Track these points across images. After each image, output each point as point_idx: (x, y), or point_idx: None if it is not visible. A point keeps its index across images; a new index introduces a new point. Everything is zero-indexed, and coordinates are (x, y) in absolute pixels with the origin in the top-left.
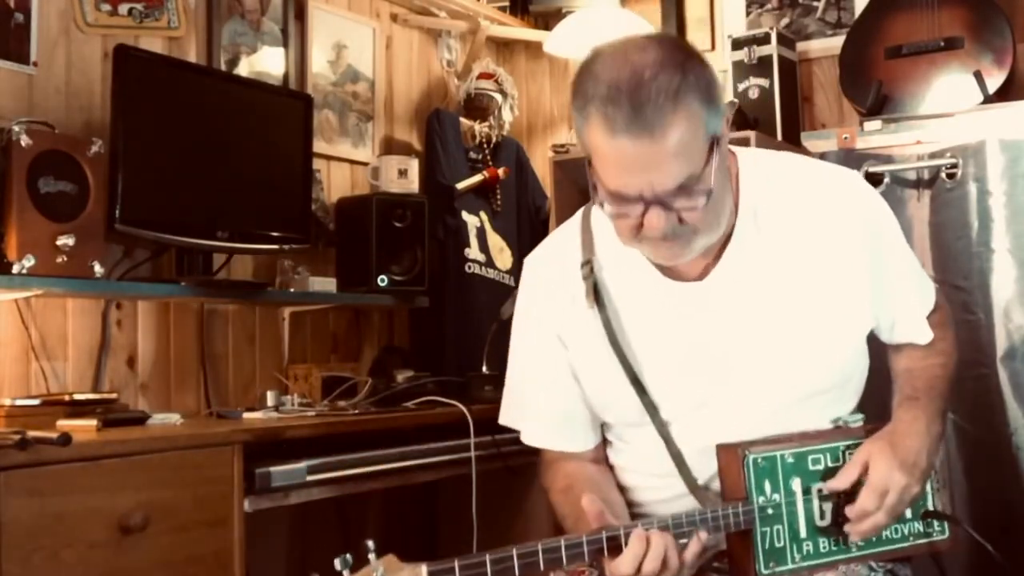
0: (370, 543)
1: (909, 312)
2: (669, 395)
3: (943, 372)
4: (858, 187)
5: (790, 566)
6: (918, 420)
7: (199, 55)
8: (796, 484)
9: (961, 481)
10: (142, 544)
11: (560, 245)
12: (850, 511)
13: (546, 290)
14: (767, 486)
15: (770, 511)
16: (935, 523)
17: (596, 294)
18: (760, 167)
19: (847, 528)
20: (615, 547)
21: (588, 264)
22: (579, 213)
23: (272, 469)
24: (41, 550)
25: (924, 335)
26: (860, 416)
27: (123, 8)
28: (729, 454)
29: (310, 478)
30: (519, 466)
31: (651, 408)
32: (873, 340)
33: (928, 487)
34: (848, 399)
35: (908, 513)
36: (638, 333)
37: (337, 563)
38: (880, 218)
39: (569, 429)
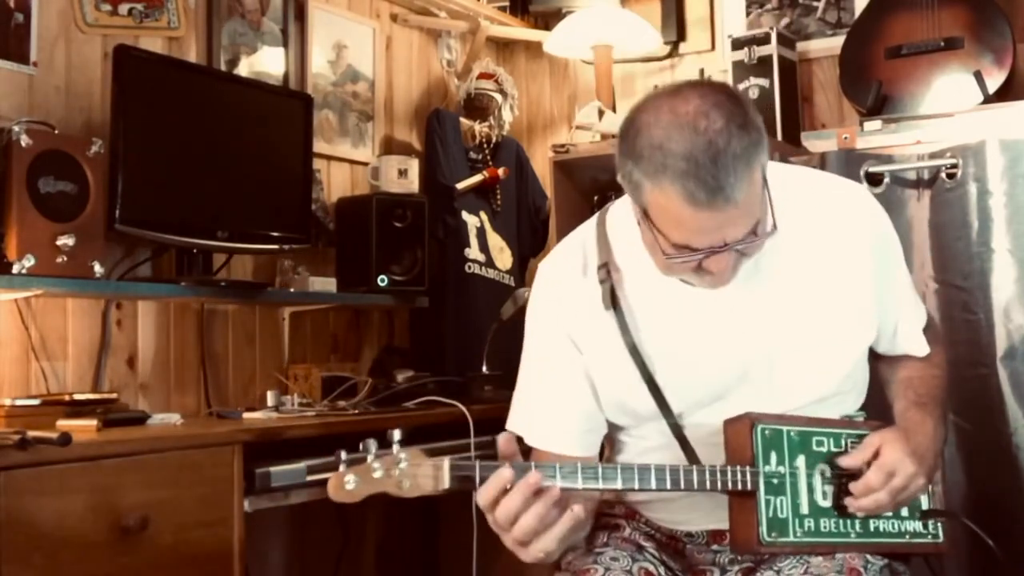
0: (396, 433)
1: (909, 325)
2: (682, 393)
3: (941, 383)
4: (867, 200)
5: (792, 539)
6: (926, 422)
7: (199, 55)
8: (800, 461)
9: (961, 481)
10: (142, 544)
11: (574, 250)
12: (854, 486)
13: (559, 294)
14: (773, 457)
15: (775, 481)
16: (931, 525)
17: (612, 297)
18: (774, 178)
19: (847, 501)
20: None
21: (605, 267)
22: (593, 219)
23: (272, 469)
24: (41, 550)
25: (922, 348)
26: (863, 413)
27: (123, 8)
28: (738, 424)
29: (310, 478)
30: None
31: (664, 406)
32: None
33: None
34: (852, 404)
35: (905, 511)
36: (653, 333)
37: (361, 447)
38: (886, 231)
39: (578, 434)
